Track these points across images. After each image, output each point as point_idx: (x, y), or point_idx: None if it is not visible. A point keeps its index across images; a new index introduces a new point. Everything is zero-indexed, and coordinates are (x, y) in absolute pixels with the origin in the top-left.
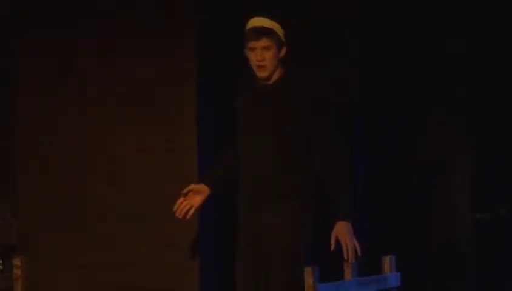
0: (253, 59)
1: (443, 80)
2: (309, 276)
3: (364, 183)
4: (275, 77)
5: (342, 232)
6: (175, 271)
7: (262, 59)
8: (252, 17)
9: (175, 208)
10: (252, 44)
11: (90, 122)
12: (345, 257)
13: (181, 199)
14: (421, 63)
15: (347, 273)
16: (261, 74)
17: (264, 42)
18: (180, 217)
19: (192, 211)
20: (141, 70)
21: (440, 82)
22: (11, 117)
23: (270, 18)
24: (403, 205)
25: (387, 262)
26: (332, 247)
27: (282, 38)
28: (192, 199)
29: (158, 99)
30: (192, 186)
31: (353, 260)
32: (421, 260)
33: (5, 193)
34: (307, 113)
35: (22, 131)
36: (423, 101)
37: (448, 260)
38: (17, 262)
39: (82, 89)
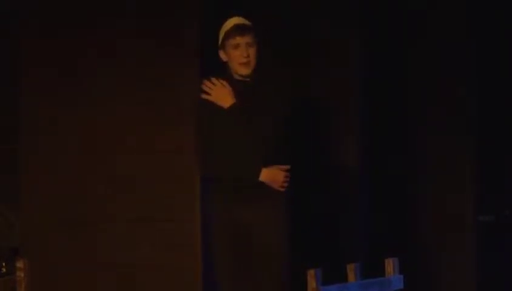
0: (236, 55)
1: (444, 82)
2: (311, 279)
3: (366, 186)
4: (253, 75)
5: None
6: (177, 272)
7: (248, 55)
8: (227, 18)
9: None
10: (236, 40)
11: (91, 122)
12: None
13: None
14: (421, 63)
15: (351, 275)
16: (246, 70)
17: (248, 38)
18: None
19: None
20: (143, 70)
21: (442, 83)
22: (12, 119)
23: (246, 18)
24: (406, 207)
25: (391, 264)
26: None
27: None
28: None
29: (159, 99)
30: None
31: None
32: (423, 263)
33: (7, 196)
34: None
35: (24, 133)
36: (424, 103)
37: (450, 262)
38: (20, 264)
39: (82, 90)
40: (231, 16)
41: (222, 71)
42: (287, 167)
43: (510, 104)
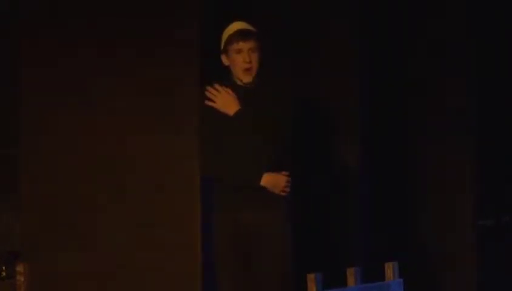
0: (239, 61)
1: (444, 82)
2: (312, 283)
3: (366, 186)
4: (255, 80)
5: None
6: (177, 277)
7: (250, 60)
8: (230, 22)
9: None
10: (239, 46)
11: (91, 123)
12: None
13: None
14: (422, 63)
15: (350, 279)
16: (248, 76)
17: (251, 43)
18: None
19: None
20: (143, 70)
21: (442, 83)
22: (12, 119)
23: (250, 23)
24: (405, 212)
25: (390, 268)
26: None
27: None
28: None
29: (159, 101)
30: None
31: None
32: (423, 266)
33: (8, 201)
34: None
35: (24, 133)
36: (424, 103)
37: (450, 266)
38: (20, 268)
39: (82, 90)
40: (234, 20)
41: (223, 74)
42: (288, 172)
43: (510, 105)
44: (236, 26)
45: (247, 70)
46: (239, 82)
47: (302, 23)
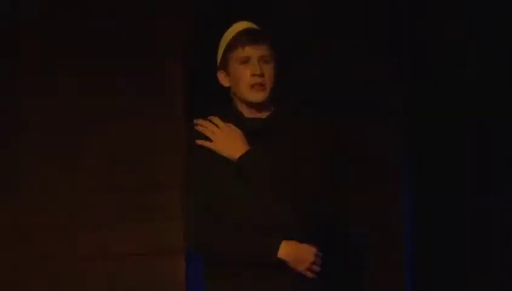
0: (246, 74)
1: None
2: None
3: None
4: (267, 107)
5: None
6: (176, 277)
7: (262, 73)
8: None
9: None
10: (245, 52)
11: (92, 128)
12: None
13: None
14: (421, 63)
15: None
16: (259, 96)
17: (263, 49)
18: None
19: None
20: (143, 77)
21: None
22: (12, 119)
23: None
24: None
25: None
26: None
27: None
28: None
29: (160, 105)
30: None
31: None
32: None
33: (7, 201)
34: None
35: (24, 133)
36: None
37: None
38: None
39: (82, 94)
40: (236, 20)
41: (222, 101)
42: (318, 243)
43: (510, 105)
44: (241, 26)
45: (258, 86)
46: (246, 112)
47: (302, 24)
